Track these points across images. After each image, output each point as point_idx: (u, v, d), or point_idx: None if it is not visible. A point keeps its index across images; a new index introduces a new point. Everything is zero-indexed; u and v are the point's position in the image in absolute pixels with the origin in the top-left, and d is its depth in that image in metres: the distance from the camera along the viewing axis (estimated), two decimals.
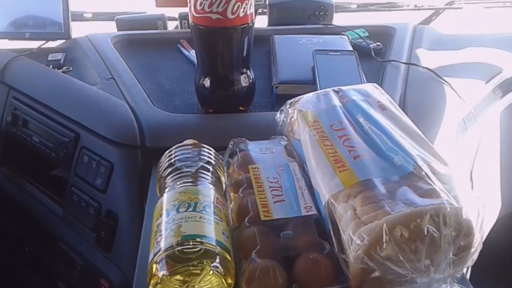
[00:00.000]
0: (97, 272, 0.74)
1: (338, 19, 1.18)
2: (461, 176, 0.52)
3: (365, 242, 0.45)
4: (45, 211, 0.86)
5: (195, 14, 0.72)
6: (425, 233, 0.45)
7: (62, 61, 0.99)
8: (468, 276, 0.92)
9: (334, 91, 0.67)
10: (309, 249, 0.50)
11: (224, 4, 0.70)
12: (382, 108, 0.62)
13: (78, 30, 1.12)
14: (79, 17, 1.23)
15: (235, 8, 0.70)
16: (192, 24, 0.74)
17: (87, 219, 0.76)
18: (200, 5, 0.70)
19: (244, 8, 0.71)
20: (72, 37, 1.06)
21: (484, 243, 0.96)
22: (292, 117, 0.66)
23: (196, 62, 0.81)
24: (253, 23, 0.75)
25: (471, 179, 0.83)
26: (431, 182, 0.49)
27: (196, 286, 0.48)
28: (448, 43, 1.06)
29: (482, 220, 0.48)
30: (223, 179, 0.62)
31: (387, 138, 0.56)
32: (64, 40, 1.07)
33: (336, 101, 0.64)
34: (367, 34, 1.07)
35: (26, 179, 0.92)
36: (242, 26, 0.73)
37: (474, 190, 0.83)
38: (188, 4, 0.72)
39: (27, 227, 0.92)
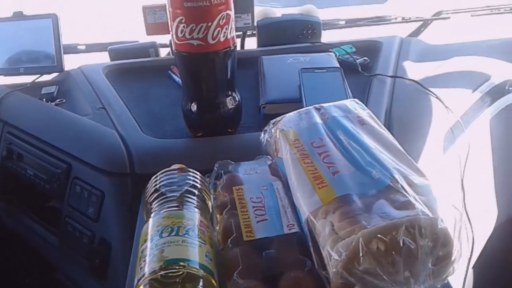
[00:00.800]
0: None
1: (327, 36, 1.20)
2: (439, 186, 0.52)
3: (342, 257, 0.46)
4: (42, 242, 0.87)
5: (177, 41, 0.73)
6: (401, 245, 0.45)
7: (55, 94, 1.01)
8: (471, 285, 0.92)
9: (316, 108, 0.68)
10: (291, 267, 0.51)
11: (204, 30, 0.71)
12: (361, 123, 0.63)
13: (72, 62, 1.15)
14: (73, 49, 1.26)
15: (215, 33, 0.72)
16: (175, 51, 0.76)
17: (81, 248, 0.77)
18: (181, 32, 0.72)
19: (225, 32, 0.73)
20: (65, 69, 1.08)
21: (486, 251, 0.95)
22: (275, 136, 0.67)
23: (182, 88, 0.83)
24: (235, 47, 0.77)
25: (463, 188, 0.83)
26: (406, 194, 0.49)
27: None
28: (435, 53, 1.07)
29: (460, 229, 0.48)
30: (210, 202, 0.63)
31: (366, 153, 0.57)
32: (57, 73, 1.09)
33: (317, 119, 0.65)
34: (354, 49, 1.09)
35: (23, 211, 0.93)
36: (224, 50, 0.74)
37: (466, 199, 0.83)
38: (171, 32, 0.74)
39: (26, 258, 0.93)
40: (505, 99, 0.96)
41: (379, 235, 0.45)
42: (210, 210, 0.63)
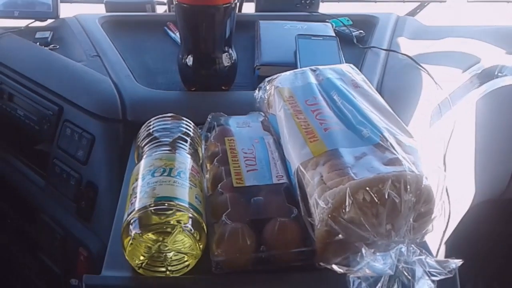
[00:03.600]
0: (76, 242, 0.75)
1: (324, 9, 1.20)
2: (425, 148, 0.54)
3: (329, 205, 0.48)
4: (28, 183, 0.87)
5: None
6: (386, 197, 0.47)
7: (49, 39, 1.00)
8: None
9: (311, 70, 0.69)
10: (278, 213, 0.53)
11: None
12: (355, 86, 0.65)
13: (67, 11, 1.14)
14: None
15: None
16: (176, 2, 0.76)
17: (68, 190, 0.78)
18: None
19: None
20: (61, 17, 1.07)
21: (460, 230, 0.99)
22: (270, 93, 0.68)
23: (180, 42, 0.83)
24: (236, 4, 0.77)
25: (444, 163, 0.86)
26: (395, 152, 0.51)
27: (168, 246, 0.50)
28: (429, 33, 1.09)
29: (443, 189, 0.50)
30: (201, 152, 0.64)
31: (358, 113, 0.58)
32: (52, 20, 1.08)
33: (312, 79, 0.67)
34: (350, 22, 1.09)
35: (11, 152, 0.93)
36: (224, 6, 0.75)
37: (447, 173, 0.86)
38: None
39: (9, 199, 0.93)
40: (493, 83, 0.99)
41: (366, 187, 0.47)
42: (201, 159, 0.64)
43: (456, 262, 0.44)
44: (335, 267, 0.45)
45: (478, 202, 1.05)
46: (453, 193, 0.86)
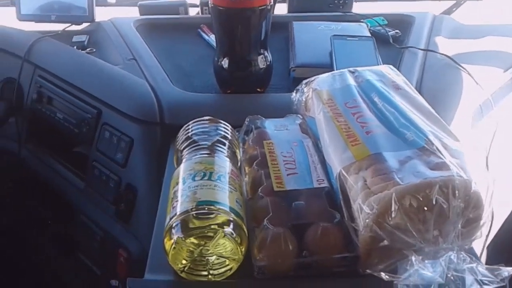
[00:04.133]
0: (116, 243, 0.76)
1: (358, 8, 1.19)
2: (472, 152, 0.53)
3: (374, 211, 0.47)
4: (67, 185, 0.89)
5: None
6: (434, 203, 0.46)
7: (86, 43, 1.01)
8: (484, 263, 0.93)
9: (350, 71, 0.68)
10: (319, 218, 0.52)
11: None
12: (396, 87, 0.63)
13: (102, 15, 1.15)
14: (103, 2, 1.26)
15: None
16: (212, 5, 0.76)
17: (107, 192, 0.79)
18: None
19: None
20: (96, 20, 1.09)
21: (503, 234, 0.96)
22: (308, 96, 0.67)
23: (215, 44, 0.83)
24: (271, 6, 0.77)
25: (487, 165, 0.83)
26: (441, 156, 0.50)
27: (210, 250, 0.50)
28: (467, 32, 1.06)
29: (492, 194, 0.49)
30: (239, 154, 0.64)
31: (400, 115, 0.57)
32: (88, 24, 1.10)
33: (351, 81, 0.65)
34: (386, 22, 1.08)
35: (50, 154, 0.95)
36: (260, 8, 0.74)
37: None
38: None
39: (50, 201, 0.95)
40: None
41: (413, 192, 0.46)
42: (239, 162, 0.64)
43: (508, 270, 0.43)
44: (382, 274, 0.44)
45: None
46: (496, 195, 0.83)
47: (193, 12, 1.26)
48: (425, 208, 0.46)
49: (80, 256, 0.88)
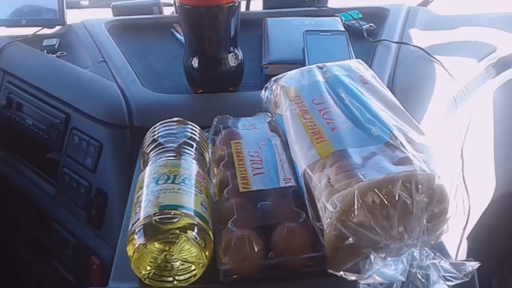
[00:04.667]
0: (88, 250, 0.75)
1: (334, 3, 1.18)
2: (438, 145, 0.52)
3: (337, 209, 0.46)
4: (39, 192, 0.88)
5: None
6: (397, 199, 0.45)
7: (56, 46, 1.00)
8: (465, 255, 0.93)
9: (318, 67, 0.67)
10: (286, 218, 0.51)
11: None
12: (363, 82, 0.62)
13: (75, 17, 1.14)
14: (76, 4, 1.24)
15: None
16: (179, 4, 0.74)
17: (78, 198, 0.78)
18: None
19: None
20: (68, 23, 1.07)
21: (482, 225, 0.96)
22: (276, 93, 0.66)
23: (184, 43, 0.82)
24: (239, 3, 0.76)
25: (462, 157, 0.83)
26: (405, 151, 0.49)
27: (174, 255, 0.48)
28: (442, 23, 1.06)
29: (457, 187, 0.48)
30: (207, 156, 0.63)
31: (366, 110, 0.56)
32: (59, 27, 1.08)
33: (319, 77, 0.65)
34: (360, 15, 1.07)
35: (21, 161, 0.94)
36: (227, 5, 0.73)
37: (464, 168, 0.83)
38: None
39: (23, 208, 0.94)
40: (510, 72, 0.95)
41: (375, 189, 0.45)
42: (208, 163, 0.63)
43: (472, 265, 0.42)
44: (345, 274, 0.43)
45: (499, 195, 1.01)
46: (473, 187, 0.83)
47: (168, 11, 1.25)
48: (388, 204, 0.45)
49: (55, 264, 0.87)
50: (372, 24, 1.03)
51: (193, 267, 0.50)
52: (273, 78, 0.69)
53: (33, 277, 0.98)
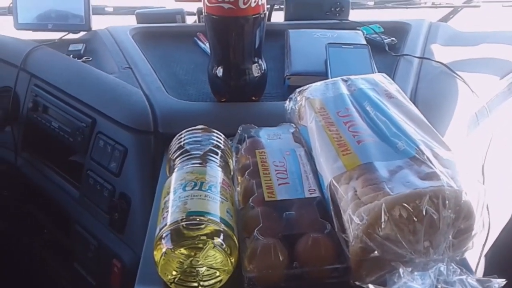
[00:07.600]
0: (110, 253, 0.76)
1: (355, 16, 1.19)
2: (464, 161, 0.52)
3: (364, 222, 0.46)
4: (62, 194, 0.89)
5: (208, 4, 0.74)
6: (424, 213, 0.45)
7: (82, 52, 1.02)
8: (482, 271, 0.92)
9: (343, 80, 0.68)
10: (310, 229, 0.52)
11: None
12: (388, 96, 0.63)
13: (99, 23, 1.16)
14: (100, 11, 1.26)
15: None
16: (205, 14, 0.76)
17: (102, 202, 0.79)
18: None
19: None
20: (93, 29, 1.09)
21: (501, 243, 0.95)
22: (301, 104, 0.67)
23: (210, 52, 0.83)
24: (265, 14, 0.77)
25: (483, 174, 0.83)
26: (432, 166, 0.49)
27: (200, 261, 0.49)
28: (463, 40, 1.06)
29: (483, 204, 0.48)
30: (231, 164, 0.64)
31: (392, 124, 0.57)
32: (85, 32, 1.10)
33: (344, 90, 0.65)
34: (382, 29, 1.08)
35: (46, 163, 0.95)
36: (253, 16, 0.74)
37: (486, 185, 0.83)
38: None
39: (46, 209, 0.95)
40: None
41: (402, 203, 0.46)
42: (232, 171, 0.64)
43: (499, 282, 0.42)
44: (371, 286, 0.43)
45: None
46: (493, 204, 0.83)
47: (190, 20, 1.27)
48: (415, 219, 0.45)
49: (76, 266, 0.88)
50: (393, 39, 1.04)
51: (218, 274, 0.50)
52: (297, 90, 0.69)
53: (53, 277, 0.99)
